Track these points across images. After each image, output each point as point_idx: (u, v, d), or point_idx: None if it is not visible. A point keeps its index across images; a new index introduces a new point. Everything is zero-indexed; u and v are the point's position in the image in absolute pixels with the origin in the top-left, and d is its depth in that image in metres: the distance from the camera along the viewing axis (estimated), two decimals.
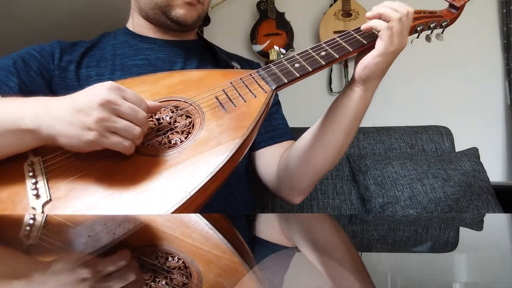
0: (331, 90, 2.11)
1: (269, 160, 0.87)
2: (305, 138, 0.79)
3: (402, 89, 2.08)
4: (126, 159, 0.56)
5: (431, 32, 0.78)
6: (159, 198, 0.51)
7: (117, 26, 0.93)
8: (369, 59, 0.66)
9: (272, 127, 0.89)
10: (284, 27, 2.13)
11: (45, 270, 0.30)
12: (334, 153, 0.76)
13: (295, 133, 0.91)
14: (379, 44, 0.65)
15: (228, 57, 0.91)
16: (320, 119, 0.77)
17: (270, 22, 2.15)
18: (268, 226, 0.51)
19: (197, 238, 0.40)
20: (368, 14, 0.67)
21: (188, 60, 0.86)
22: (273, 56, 2.07)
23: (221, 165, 0.53)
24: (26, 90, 0.72)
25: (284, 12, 2.17)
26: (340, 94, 0.74)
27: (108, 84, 0.54)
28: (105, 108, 0.52)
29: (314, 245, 0.40)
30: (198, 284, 0.28)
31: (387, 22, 0.65)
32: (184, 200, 0.50)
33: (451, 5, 0.78)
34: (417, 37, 0.76)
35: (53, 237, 0.40)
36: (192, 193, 0.51)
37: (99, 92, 0.53)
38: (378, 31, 0.65)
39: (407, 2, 0.67)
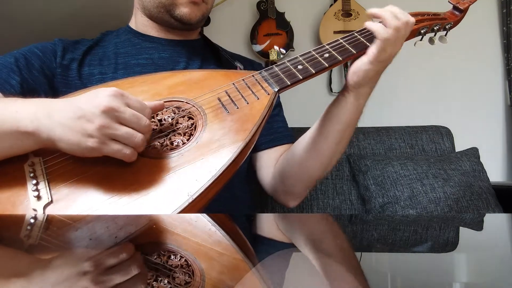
0: (331, 90, 2.11)
1: (267, 163, 0.87)
2: (300, 143, 0.79)
3: (402, 89, 2.08)
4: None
5: (435, 35, 0.77)
6: (161, 202, 0.51)
7: (118, 25, 0.93)
8: (359, 65, 0.65)
9: (273, 130, 0.89)
10: (284, 27, 2.13)
11: (46, 267, 0.30)
12: (326, 160, 0.75)
13: (295, 133, 0.91)
14: (371, 51, 0.64)
15: (231, 57, 0.91)
16: (314, 125, 0.76)
17: (270, 22, 2.15)
18: (269, 226, 0.51)
19: (199, 236, 0.40)
20: (370, 11, 0.65)
21: (191, 60, 0.86)
22: (273, 56, 2.07)
23: (223, 168, 0.53)
24: (27, 88, 0.71)
25: (284, 12, 2.17)
26: (332, 101, 0.73)
27: (112, 90, 0.53)
28: (108, 115, 0.51)
29: (313, 244, 0.40)
30: (201, 283, 0.28)
31: (386, 27, 0.63)
32: (187, 203, 0.50)
33: (455, 8, 0.77)
34: (421, 40, 0.75)
35: (54, 236, 0.40)
36: (194, 197, 0.50)
37: (102, 98, 0.52)
38: (375, 37, 0.64)
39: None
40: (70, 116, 0.52)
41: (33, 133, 0.54)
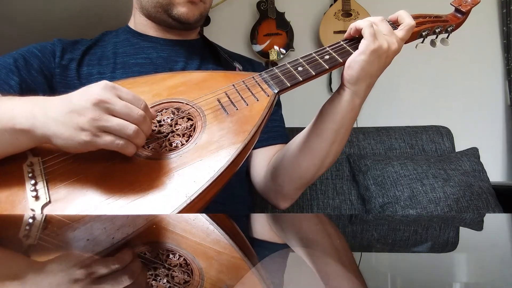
0: (331, 90, 2.11)
1: (260, 161, 0.86)
2: (294, 141, 0.78)
3: (403, 89, 2.08)
4: (126, 162, 0.55)
5: (436, 37, 0.76)
6: (160, 203, 0.51)
7: (118, 25, 0.93)
8: (353, 58, 0.65)
9: (268, 128, 0.88)
10: (284, 27, 2.14)
11: (41, 270, 0.30)
12: (318, 161, 0.73)
13: (295, 133, 0.91)
14: (362, 42, 0.64)
15: (230, 57, 0.91)
16: (309, 123, 0.75)
17: (270, 22, 2.15)
18: (267, 226, 0.51)
19: (198, 235, 0.40)
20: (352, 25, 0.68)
21: (190, 60, 0.86)
22: (273, 56, 2.07)
23: (222, 170, 0.53)
24: (26, 88, 0.71)
25: (284, 12, 2.17)
26: (328, 99, 0.72)
27: (103, 83, 0.53)
28: (98, 107, 0.51)
29: (307, 243, 0.40)
30: (200, 281, 0.28)
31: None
32: (185, 204, 0.50)
33: (457, 10, 0.76)
34: (422, 42, 0.75)
35: (52, 236, 0.40)
36: (192, 198, 0.50)
37: (93, 91, 0.52)
38: (361, 29, 0.65)
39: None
40: (62, 111, 0.52)
41: (28, 131, 0.53)
